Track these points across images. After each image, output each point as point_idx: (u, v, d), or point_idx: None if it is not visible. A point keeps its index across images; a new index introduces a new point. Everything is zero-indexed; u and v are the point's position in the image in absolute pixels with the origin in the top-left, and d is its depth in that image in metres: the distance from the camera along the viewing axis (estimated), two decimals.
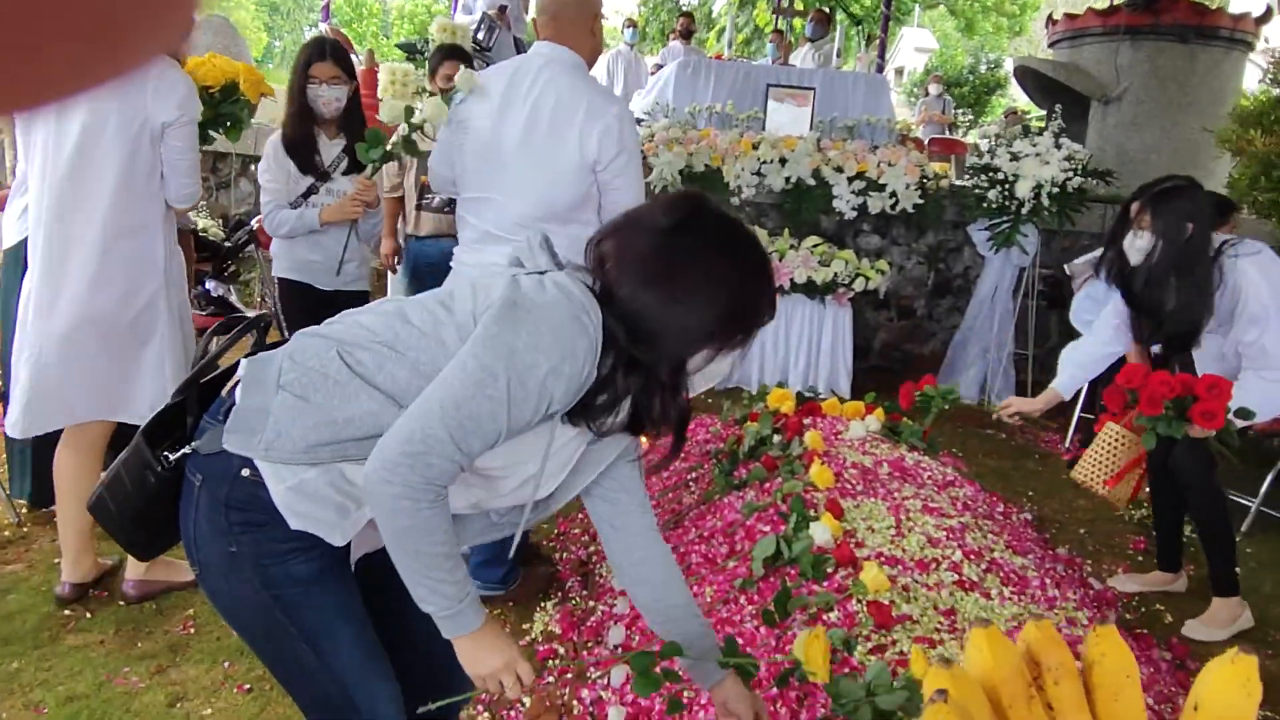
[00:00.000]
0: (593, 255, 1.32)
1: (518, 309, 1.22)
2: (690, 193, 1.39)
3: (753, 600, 2.23)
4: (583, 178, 2.42)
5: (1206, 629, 2.91)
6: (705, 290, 1.28)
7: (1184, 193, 2.71)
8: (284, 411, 1.25)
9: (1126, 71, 6.08)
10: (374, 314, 1.35)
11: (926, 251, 5.68)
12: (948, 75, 16.65)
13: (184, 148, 2.45)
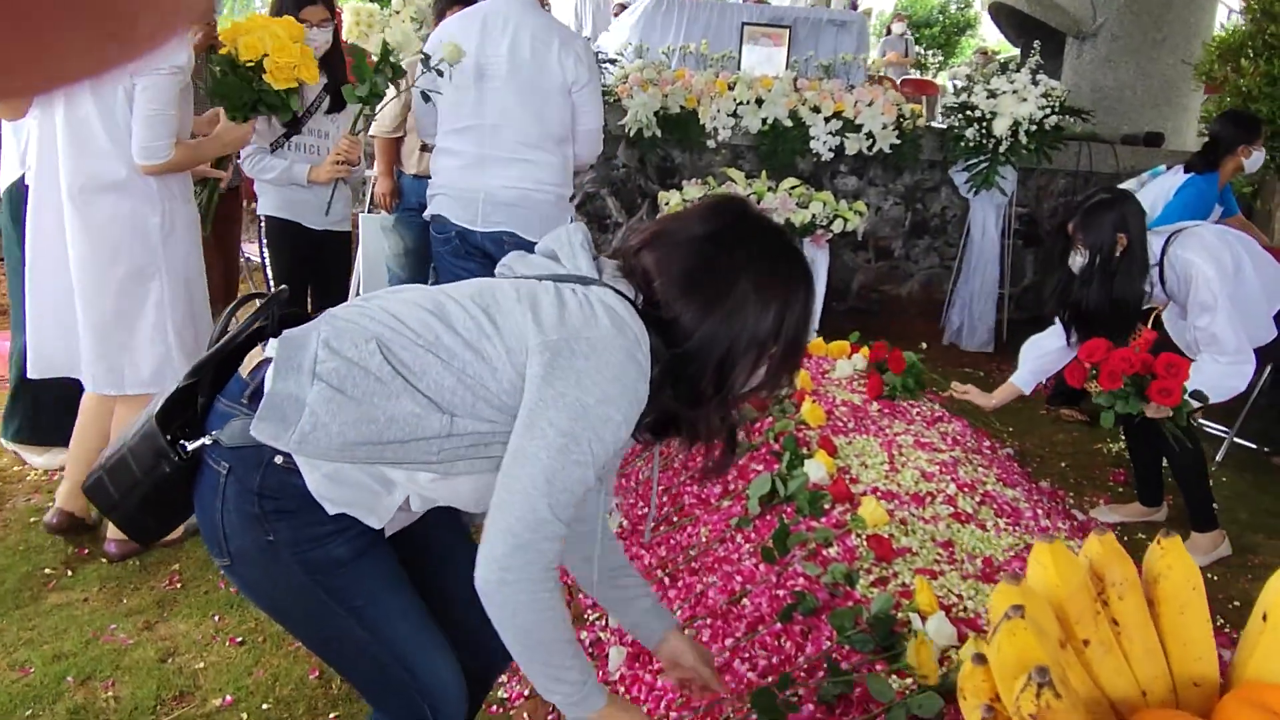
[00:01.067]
0: (632, 265, 1.29)
1: (577, 357, 1.16)
2: (730, 199, 1.36)
3: (749, 539, 2.22)
4: (565, 99, 2.76)
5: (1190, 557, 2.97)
6: (752, 302, 1.24)
7: (1112, 205, 2.75)
8: (321, 404, 1.16)
9: (1102, 7, 6.02)
10: (408, 305, 1.26)
11: (903, 192, 5.64)
12: (916, 15, 16.49)
13: (149, 99, 2.33)
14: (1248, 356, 2.69)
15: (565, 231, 1.34)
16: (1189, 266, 2.72)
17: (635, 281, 1.27)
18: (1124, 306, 2.76)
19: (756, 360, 1.27)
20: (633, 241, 1.32)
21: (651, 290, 1.26)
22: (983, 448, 3.00)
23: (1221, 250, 2.75)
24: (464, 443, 1.22)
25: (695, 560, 2.24)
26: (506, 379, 1.20)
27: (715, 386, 1.27)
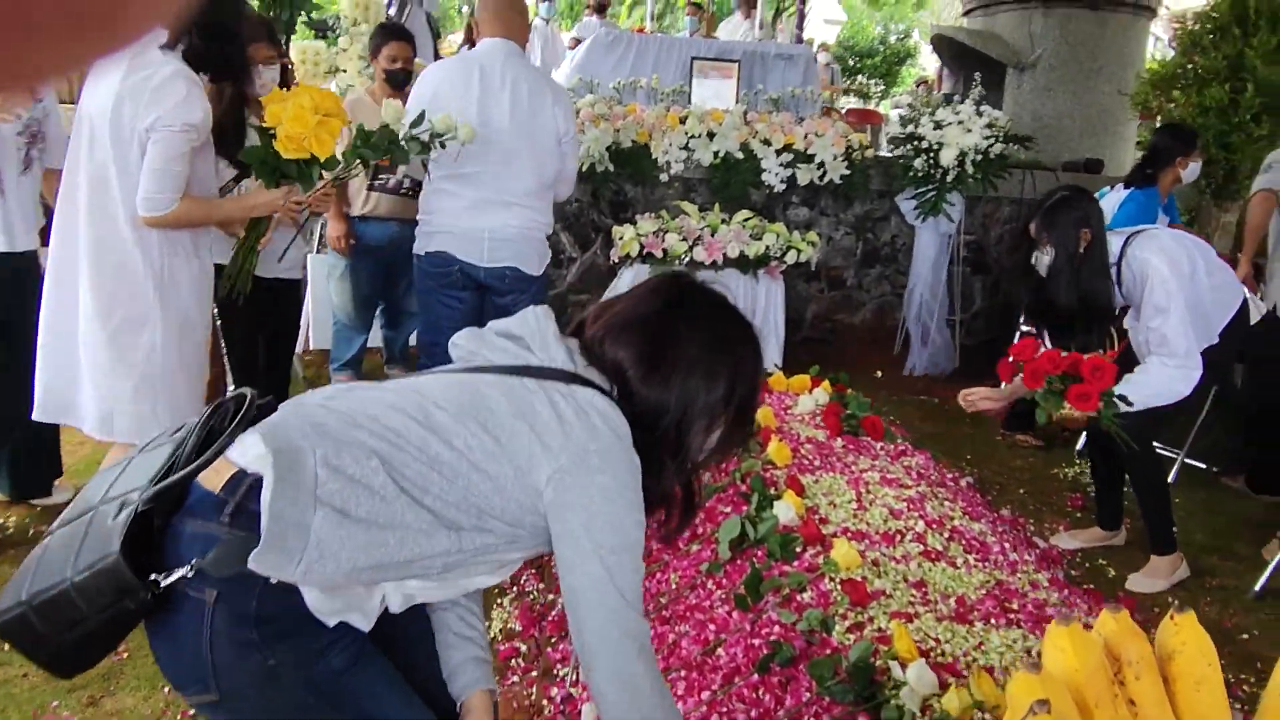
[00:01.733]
0: (600, 355, 1.32)
1: (594, 473, 1.19)
2: (674, 275, 1.42)
3: (721, 584, 2.18)
4: (557, 148, 3.02)
5: (1149, 581, 3.00)
6: (702, 371, 1.30)
7: (1072, 202, 2.79)
8: (328, 531, 1.09)
9: (1039, 38, 6.18)
10: (395, 413, 1.20)
11: (854, 222, 5.70)
12: (858, 46, 16.83)
13: (158, 153, 2.31)
14: (1195, 362, 2.71)
15: (534, 318, 1.33)
16: (1145, 266, 2.74)
17: (606, 371, 1.30)
18: (1093, 301, 2.78)
19: (710, 426, 1.33)
20: (593, 331, 1.35)
21: (625, 381, 1.29)
22: (946, 480, 3.00)
23: (1178, 252, 2.78)
24: (467, 555, 1.20)
25: (666, 608, 2.20)
26: (514, 499, 1.20)
27: (672, 454, 1.31)
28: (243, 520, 1.11)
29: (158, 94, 2.27)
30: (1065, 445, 4.35)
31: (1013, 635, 1.89)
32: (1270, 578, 3.00)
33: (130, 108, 2.29)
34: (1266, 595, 2.99)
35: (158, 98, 2.27)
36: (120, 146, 2.32)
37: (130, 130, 2.30)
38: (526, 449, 1.20)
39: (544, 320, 1.33)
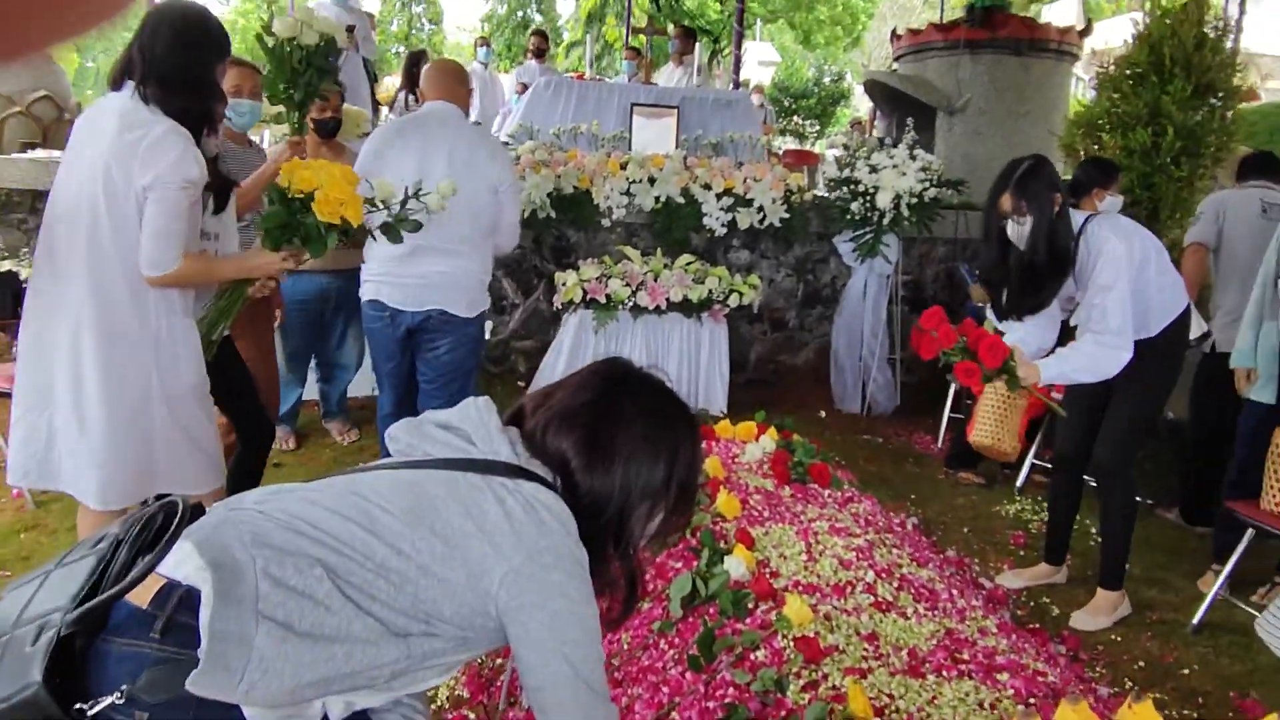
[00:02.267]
0: (543, 446, 1.31)
1: (549, 570, 1.18)
2: (612, 362, 1.43)
3: (673, 643, 2.16)
4: (494, 198, 3.17)
5: (1093, 619, 3.05)
6: (643, 456, 1.31)
7: (1039, 169, 2.85)
8: (271, 647, 1.04)
9: (968, 83, 6.38)
10: (336, 518, 1.16)
11: (794, 264, 5.78)
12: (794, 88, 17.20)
13: (159, 213, 2.25)
14: (1127, 343, 2.75)
15: (474, 409, 1.32)
16: (1103, 243, 2.80)
17: (549, 462, 1.30)
18: (1061, 255, 2.83)
19: (651, 512, 1.33)
20: (534, 422, 1.34)
21: (569, 471, 1.29)
22: (893, 525, 3.03)
23: (1135, 239, 2.86)
24: (416, 662, 1.16)
25: (619, 670, 2.16)
26: (465, 603, 1.17)
27: (615, 540, 1.31)
28: (175, 636, 1.05)
29: (152, 152, 2.23)
30: (1006, 483, 4.43)
31: (965, 688, 1.90)
32: (1207, 610, 3.07)
33: (122, 168, 2.23)
34: (1204, 628, 3.05)
35: (153, 156, 2.23)
36: (115, 206, 2.26)
37: (125, 190, 2.25)
38: (477, 551, 1.17)
39: (485, 412, 1.31)
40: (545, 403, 1.36)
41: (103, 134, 2.26)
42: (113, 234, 2.27)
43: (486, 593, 1.17)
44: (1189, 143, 4.42)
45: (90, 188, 2.26)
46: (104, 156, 2.24)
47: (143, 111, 2.26)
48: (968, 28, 6.30)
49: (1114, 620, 3.07)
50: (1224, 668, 2.83)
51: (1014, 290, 2.94)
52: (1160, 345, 2.93)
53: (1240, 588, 3.26)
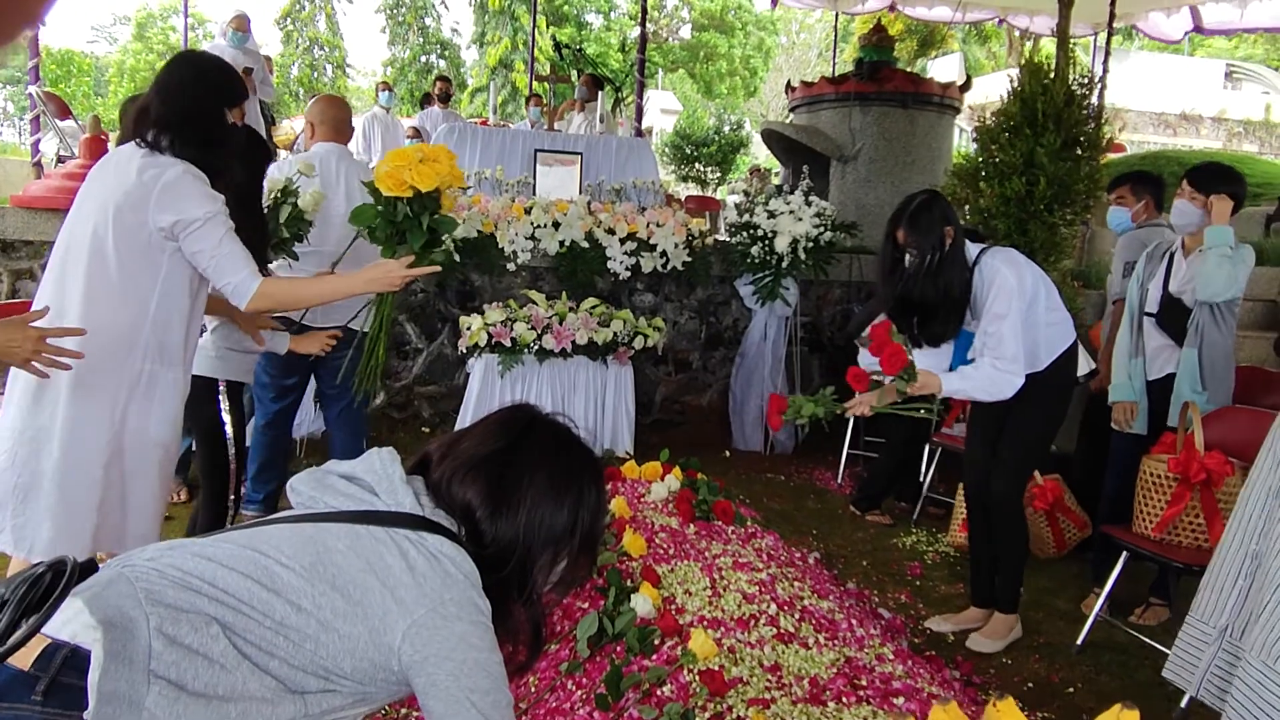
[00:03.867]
0: (448, 496, 1.31)
1: (452, 620, 1.17)
2: (518, 409, 1.43)
3: (581, 684, 2.17)
4: None
5: (987, 642, 3.16)
6: (548, 502, 1.32)
7: (931, 203, 2.95)
8: (163, 707, 1.01)
9: (859, 133, 6.69)
10: (233, 575, 1.14)
11: (697, 307, 5.91)
12: (695, 135, 17.64)
13: (205, 246, 2.21)
14: (1020, 369, 2.88)
15: (379, 461, 1.31)
16: (995, 274, 2.90)
17: (454, 512, 1.30)
18: (952, 292, 2.92)
19: (555, 559, 1.34)
20: (440, 472, 1.34)
21: (474, 521, 1.29)
22: (795, 559, 3.10)
23: (1027, 273, 2.97)
24: (314, 718, 1.15)
25: (527, 714, 2.15)
26: (367, 658, 1.16)
27: (518, 588, 1.31)
28: (59, 698, 1.00)
29: (168, 193, 2.19)
30: (905, 514, 4.59)
31: (863, 713, 1.96)
32: (1090, 631, 3.23)
33: (135, 210, 2.19)
34: (1088, 648, 3.21)
35: (169, 198, 2.19)
36: (124, 243, 2.20)
37: (137, 228, 2.20)
38: (379, 605, 1.16)
39: (388, 463, 1.30)
40: (450, 452, 1.36)
41: (115, 178, 2.22)
42: (118, 269, 2.20)
43: (390, 647, 1.16)
44: (1059, 191, 4.72)
45: (100, 230, 2.19)
46: (115, 199, 2.19)
47: (157, 156, 2.23)
48: (857, 81, 6.62)
49: (1007, 643, 3.19)
50: (1104, 685, 2.98)
51: (912, 321, 3.05)
52: (1049, 378, 3.06)
53: (1120, 608, 3.45)
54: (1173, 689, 2.91)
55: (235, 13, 6.75)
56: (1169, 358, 3.45)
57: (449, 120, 7.56)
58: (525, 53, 14.73)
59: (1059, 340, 3.09)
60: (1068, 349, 3.10)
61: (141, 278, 2.22)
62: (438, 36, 33.28)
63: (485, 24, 27.18)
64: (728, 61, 34.04)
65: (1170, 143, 20.29)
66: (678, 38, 33.87)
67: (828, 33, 12.43)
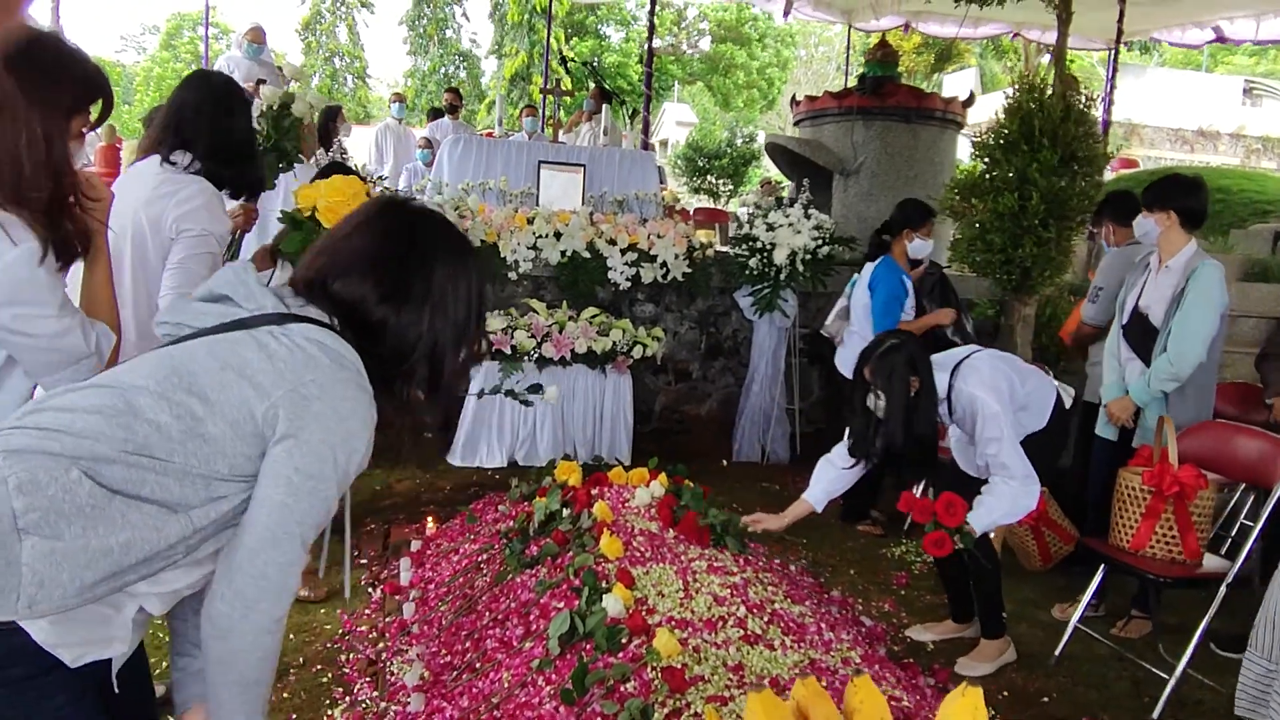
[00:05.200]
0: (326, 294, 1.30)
1: (310, 401, 1.18)
2: (388, 200, 1.41)
3: (550, 680, 2.23)
4: None
5: (976, 665, 3.16)
6: (450, 293, 1.34)
7: (900, 349, 2.99)
8: (40, 558, 1.04)
9: (861, 147, 6.75)
10: (93, 415, 1.13)
11: (697, 317, 5.98)
12: (707, 148, 17.73)
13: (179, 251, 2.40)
14: (1034, 477, 2.93)
15: (232, 273, 1.30)
16: (974, 402, 2.96)
17: (333, 308, 1.29)
18: (924, 440, 2.98)
19: (459, 346, 1.36)
20: (313, 273, 1.32)
21: (355, 312, 1.29)
22: (773, 565, 3.15)
23: (997, 378, 3.02)
24: (210, 530, 1.18)
25: (497, 708, 2.22)
26: (239, 451, 1.17)
27: (429, 381, 1.34)
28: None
29: (181, 203, 2.38)
30: (895, 525, 4.62)
31: None
32: (1069, 642, 3.25)
33: (153, 221, 2.38)
34: (1067, 660, 3.24)
35: (180, 206, 2.38)
36: (140, 253, 2.39)
37: (154, 236, 2.38)
38: (239, 397, 1.17)
39: (242, 273, 1.30)
40: (325, 251, 1.34)
41: (135, 192, 2.39)
42: (131, 281, 2.38)
43: (255, 434, 1.17)
44: (1053, 206, 4.76)
45: (117, 242, 2.31)
46: (134, 211, 2.36)
47: (176, 172, 2.43)
48: (860, 96, 6.69)
49: (997, 666, 3.15)
50: (1080, 695, 3.02)
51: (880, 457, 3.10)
52: (1049, 430, 3.17)
53: (1102, 621, 3.48)
54: (1148, 700, 2.95)
55: (250, 25, 6.90)
56: (1133, 370, 3.52)
57: (458, 132, 7.67)
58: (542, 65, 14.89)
59: (1046, 396, 3.18)
60: (1056, 397, 3.20)
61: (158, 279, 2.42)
62: (457, 47, 33.59)
63: (504, 35, 27.42)
64: (745, 73, 34.18)
65: (1187, 159, 20.20)
66: (697, 50, 34.03)
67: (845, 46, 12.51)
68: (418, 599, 3.11)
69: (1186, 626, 3.03)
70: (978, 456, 3.07)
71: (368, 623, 3.10)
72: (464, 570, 3.18)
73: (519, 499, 3.62)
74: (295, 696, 2.64)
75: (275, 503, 1.16)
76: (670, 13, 32.16)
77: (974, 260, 5.18)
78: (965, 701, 1.39)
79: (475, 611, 2.83)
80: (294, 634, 3.03)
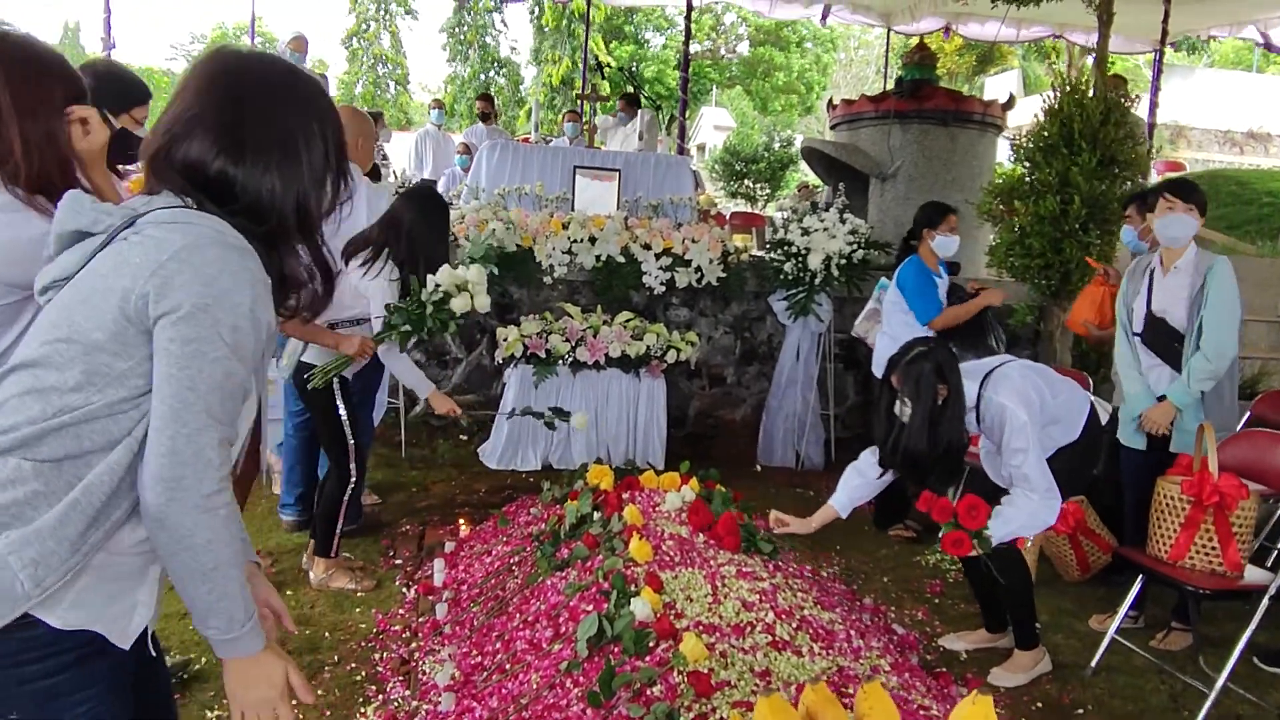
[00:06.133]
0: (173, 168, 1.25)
1: (172, 274, 1.15)
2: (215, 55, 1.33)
3: (578, 683, 2.24)
4: None
5: (1010, 676, 3.11)
6: (303, 142, 1.30)
7: (928, 356, 2.94)
8: (22, 546, 1.09)
9: (898, 151, 6.70)
10: (14, 399, 1.16)
11: (732, 322, 5.97)
12: (744, 152, 17.69)
13: None
14: (1055, 493, 2.89)
15: (70, 205, 1.27)
16: (1002, 412, 2.92)
17: (180, 184, 1.25)
18: (950, 450, 2.93)
19: (321, 189, 1.33)
20: (154, 147, 1.27)
21: (199, 174, 1.25)
22: (804, 571, 3.14)
23: (1026, 389, 2.97)
24: None
25: (526, 710, 2.24)
26: (141, 357, 1.18)
27: (301, 230, 1.32)
28: None
29: None
30: (930, 533, 4.58)
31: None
32: (1106, 653, 3.20)
33: None
34: (1103, 671, 3.18)
35: None
36: None
37: None
38: (111, 311, 1.16)
39: (78, 201, 1.27)
40: (162, 124, 1.28)
41: None
42: None
43: (139, 334, 1.17)
44: (1094, 210, 4.69)
45: None
46: None
47: None
48: (897, 99, 6.64)
49: (1032, 677, 3.10)
50: (1117, 708, 2.96)
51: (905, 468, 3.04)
52: (1082, 443, 3.11)
53: (1141, 632, 3.42)
54: (1187, 714, 2.89)
55: (294, 34, 7.04)
56: (1160, 377, 3.44)
57: (493, 137, 7.74)
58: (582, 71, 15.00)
59: (1079, 408, 3.12)
60: (1090, 408, 3.14)
61: None
62: (496, 54, 33.87)
63: (543, 42, 27.61)
64: (785, 74, 34.05)
65: (1236, 161, 19.75)
66: (735, 54, 33.98)
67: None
68: (450, 600, 3.15)
69: (1228, 639, 2.97)
70: (1002, 467, 3.03)
71: (401, 622, 3.14)
72: (496, 572, 3.21)
73: (551, 502, 3.64)
74: (329, 693, 2.69)
75: (164, 376, 1.15)
76: (709, 17, 32.12)
77: (1012, 265, 5.13)
78: (975, 710, 1.38)
79: (506, 613, 2.85)
80: (329, 632, 3.09)
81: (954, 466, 3.03)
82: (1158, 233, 3.45)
